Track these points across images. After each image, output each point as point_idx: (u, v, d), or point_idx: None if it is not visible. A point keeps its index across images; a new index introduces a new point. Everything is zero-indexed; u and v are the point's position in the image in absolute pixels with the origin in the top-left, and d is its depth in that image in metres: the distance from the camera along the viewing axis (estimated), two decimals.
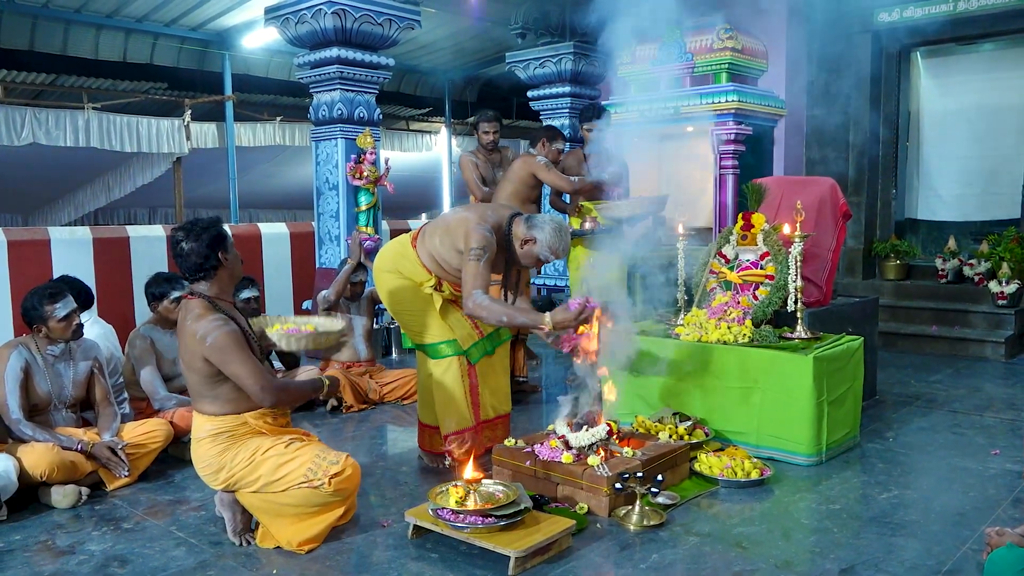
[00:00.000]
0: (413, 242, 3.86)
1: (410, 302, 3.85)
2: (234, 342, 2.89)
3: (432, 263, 3.78)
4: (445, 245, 3.71)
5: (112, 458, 3.64)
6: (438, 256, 3.75)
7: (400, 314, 3.92)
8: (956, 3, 6.96)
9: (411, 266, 3.83)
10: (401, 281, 3.85)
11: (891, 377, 5.69)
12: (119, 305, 6.12)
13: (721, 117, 6.74)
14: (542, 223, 3.63)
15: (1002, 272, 6.72)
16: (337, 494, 2.95)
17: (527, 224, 3.64)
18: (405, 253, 3.86)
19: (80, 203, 12.72)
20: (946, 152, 7.69)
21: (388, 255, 3.94)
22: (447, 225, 3.75)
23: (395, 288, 3.86)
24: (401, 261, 3.86)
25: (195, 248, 2.97)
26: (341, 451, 3.06)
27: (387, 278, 3.90)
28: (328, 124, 6.71)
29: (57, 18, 8.52)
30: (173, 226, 3.20)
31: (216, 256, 2.99)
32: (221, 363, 2.90)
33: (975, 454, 4.01)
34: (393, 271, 3.88)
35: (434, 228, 3.83)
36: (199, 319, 2.91)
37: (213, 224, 3.03)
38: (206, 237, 2.97)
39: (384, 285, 3.91)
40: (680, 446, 3.61)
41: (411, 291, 3.84)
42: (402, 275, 3.85)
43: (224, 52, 9.95)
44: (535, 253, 3.63)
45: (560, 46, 8.36)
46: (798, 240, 4.19)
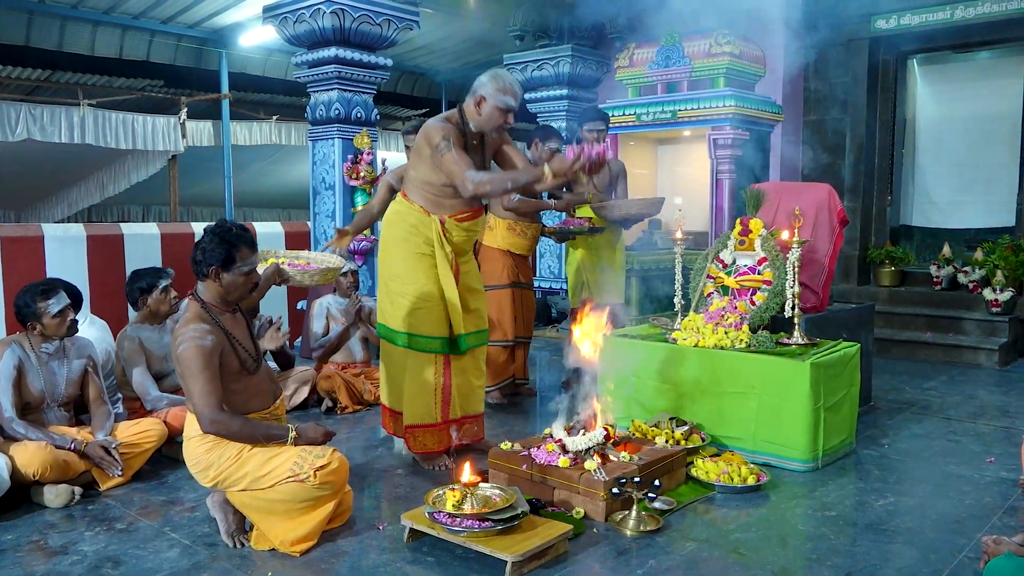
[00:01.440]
0: (403, 194, 3.90)
1: (419, 282, 3.78)
2: (198, 357, 2.87)
3: (427, 200, 3.78)
4: (419, 169, 3.76)
5: (105, 457, 3.62)
6: (424, 186, 3.75)
7: (402, 296, 3.80)
8: (953, 11, 6.99)
9: (416, 217, 3.79)
10: (413, 250, 3.78)
11: (886, 383, 5.69)
12: (113, 303, 6.08)
13: (718, 122, 6.74)
14: (479, 82, 3.73)
15: (996, 280, 6.74)
16: (324, 487, 2.92)
17: (471, 93, 3.74)
18: (407, 208, 3.83)
19: (74, 200, 12.67)
20: (941, 159, 7.72)
21: (394, 219, 3.88)
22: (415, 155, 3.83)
23: (407, 264, 3.79)
24: (407, 217, 3.82)
25: (203, 249, 2.98)
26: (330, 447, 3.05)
27: (400, 249, 3.81)
28: (325, 124, 6.68)
29: (53, 14, 8.47)
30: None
31: (209, 268, 2.99)
32: (181, 374, 2.93)
33: (970, 461, 4.02)
34: (405, 236, 3.80)
35: (411, 167, 3.87)
36: (184, 323, 2.94)
37: (234, 242, 3.00)
38: (214, 247, 2.98)
39: (395, 259, 3.83)
40: (677, 451, 3.61)
41: (423, 268, 3.78)
42: (412, 235, 3.78)
43: (221, 50, 9.92)
44: (494, 105, 3.68)
45: (558, 49, 8.36)
46: (796, 246, 4.19)
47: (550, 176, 3.52)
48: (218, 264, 2.99)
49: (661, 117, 7.11)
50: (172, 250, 6.45)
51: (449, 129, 3.67)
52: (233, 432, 2.93)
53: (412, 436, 3.88)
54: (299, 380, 5.03)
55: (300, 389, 5.03)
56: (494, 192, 3.77)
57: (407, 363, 3.85)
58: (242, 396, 3.03)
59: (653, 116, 7.13)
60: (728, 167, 6.87)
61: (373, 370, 5.40)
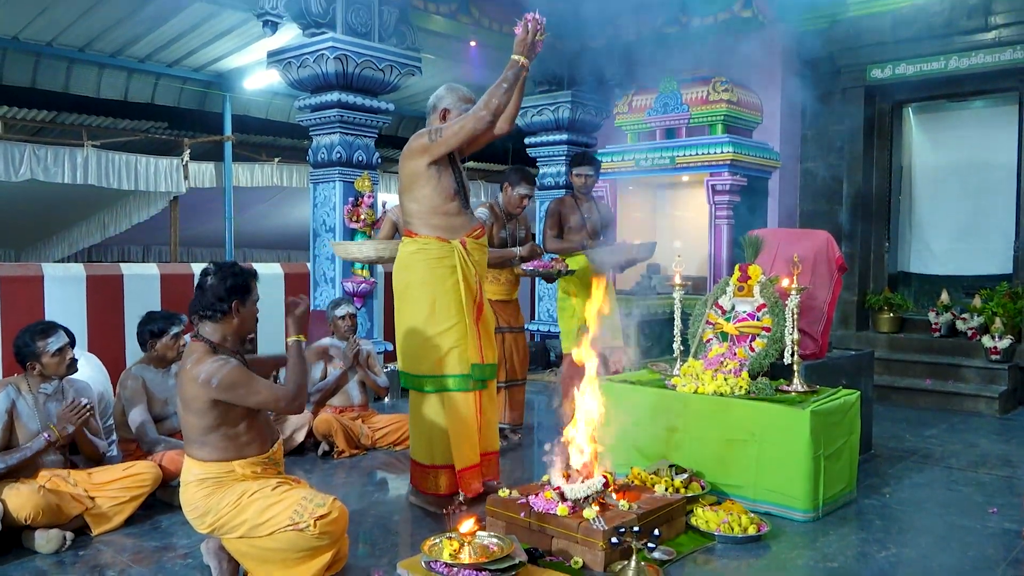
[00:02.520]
0: (410, 234, 3.82)
1: (453, 318, 3.73)
2: (241, 375, 2.92)
3: (441, 228, 3.75)
4: (420, 198, 3.75)
5: (68, 414, 3.65)
6: (431, 215, 3.74)
7: (441, 336, 3.74)
8: (947, 62, 7.09)
9: (436, 248, 3.75)
10: (441, 285, 3.73)
11: (886, 431, 5.66)
12: (110, 344, 6.07)
13: (716, 168, 6.81)
14: (437, 97, 3.92)
15: (995, 327, 6.74)
16: (323, 537, 2.89)
17: (431, 110, 3.91)
18: (423, 244, 3.76)
19: (75, 239, 12.71)
20: (938, 206, 7.78)
21: (412, 260, 3.79)
22: (404, 180, 3.82)
23: (441, 301, 3.73)
24: (428, 252, 3.75)
25: (215, 286, 3.00)
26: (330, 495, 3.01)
27: (427, 289, 3.74)
28: (327, 167, 6.74)
29: (61, 56, 8.60)
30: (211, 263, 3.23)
31: (231, 303, 3.00)
32: (237, 399, 2.92)
33: (972, 512, 3.98)
34: (429, 273, 3.74)
35: (409, 201, 3.82)
36: (199, 363, 2.91)
37: (244, 273, 3.06)
38: (231, 280, 3.00)
39: (423, 302, 3.74)
40: (676, 499, 3.57)
41: (455, 301, 3.74)
42: (436, 267, 3.73)
43: (225, 93, 10.05)
44: (458, 115, 3.77)
45: (558, 95, 8.47)
46: (795, 292, 4.20)
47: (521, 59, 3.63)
48: (239, 298, 3.02)
49: (660, 163, 7.19)
50: (171, 291, 6.46)
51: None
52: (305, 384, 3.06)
53: (464, 480, 3.77)
54: (296, 423, 5.00)
55: (297, 432, 4.99)
56: (501, 103, 3.64)
57: (448, 407, 3.76)
58: (242, 439, 3.00)
59: (652, 162, 7.21)
60: (726, 213, 6.92)
61: (371, 414, 5.37)
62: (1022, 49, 6.72)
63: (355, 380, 5.35)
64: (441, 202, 3.75)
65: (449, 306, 3.75)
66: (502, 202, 5.31)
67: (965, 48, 6.99)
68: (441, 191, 3.75)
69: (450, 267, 3.75)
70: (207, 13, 7.63)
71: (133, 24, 7.91)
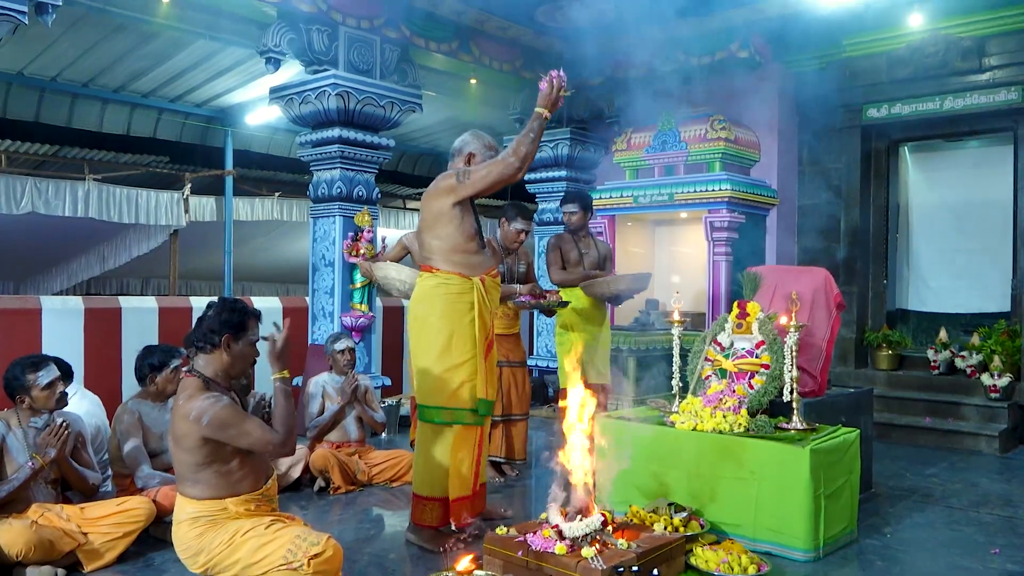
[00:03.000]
0: (429, 268, 3.90)
1: (469, 352, 3.82)
2: (231, 415, 2.90)
3: (461, 265, 3.85)
4: (442, 235, 3.84)
5: (49, 438, 3.61)
6: (451, 253, 3.84)
7: (458, 369, 3.81)
8: (942, 102, 7.17)
9: (457, 284, 3.84)
10: (459, 319, 3.82)
11: (886, 469, 5.62)
12: (107, 377, 6.04)
13: (714, 205, 6.85)
14: (463, 142, 4.03)
15: (994, 365, 6.73)
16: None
17: (456, 154, 4.01)
18: (443, 279, 3.85)
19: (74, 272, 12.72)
20: (935, 244, 7.81)
21: (431, 294, 3.86)
22: (429, 218, 3.90)
23: (459, 335, 3.81)
24: (449, 287, 3.84)
25: (211, 317, 3.01)
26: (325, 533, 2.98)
27: (447, 322, 3.81)
28: (327, 201, 6.78)
29: (64, 91, 8.68)
30: None
31: (221, 336, 3.00)
32: (227, 439, 2.90)
33: (975, 552, 3.94)
34: (449, 307, 3.82)
35: (426, 239, 3.91)
36: (191, 399, 2.90)
37: (242, 310, 3.06)
38: (225, 315, 3.01)
39: (441, 335, 3.81)
40: (676, 538, 3.53)
41: (471, 336, 3.83)
42: (456, 302, 3.81)
43: (227, 128, 10.13)
44: (481, 159, 3.92)
45: (557, 132, 8.54)
46: (793, 330, 4.20)
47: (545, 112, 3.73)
48: (231, 332, 3.01)
49: (658, 199, 7.23)
50: (169, 324, 6.45)
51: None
52: (294, 426, 3.02)
53: (456, 510, 3.84)
54: (292, 459, 4.96)
55: (293, 468, 4.95)
56: (529, 151, 3.76)
57: (454, 439, 3.83)
58: (234, 476, 2.98)
59: (650, 198, 7.26)
60: (724, 249, 6.94)
61: (368, 449, 5.33)
62: (1016, 90, 6.81)
63: (352, 416, 5.32)
64: (463, 241, 3.87)
65: (465, 341, 3.83)
66: (499, 237, 5.36)
67: (960, 89, 7.07)
68: (463, 231, 3.86)
69: (468, 303, 3.84)
70: (210, 50, 7.73)
71: (136, 60, 8.01)
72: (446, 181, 3.86)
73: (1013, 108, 6.87)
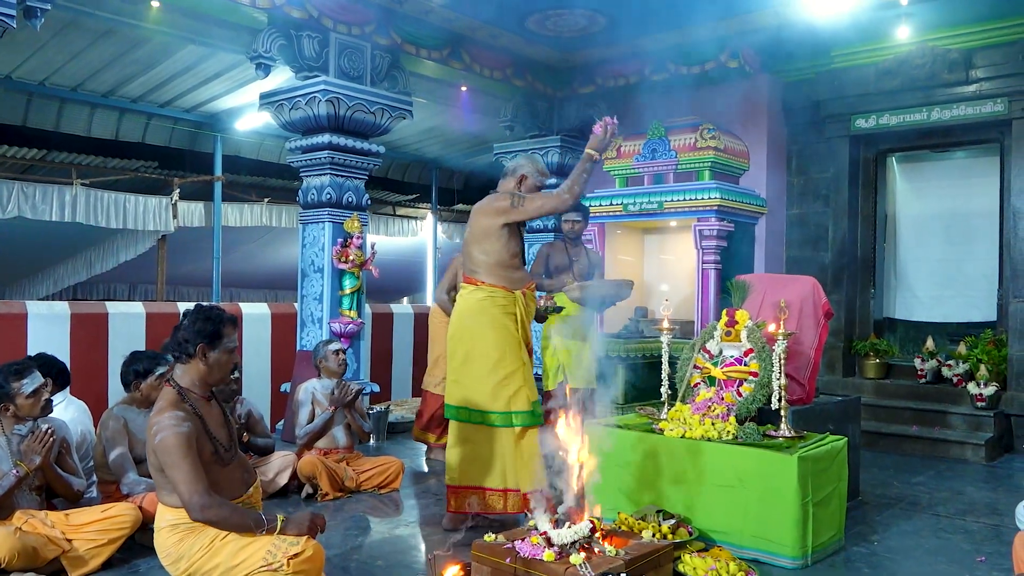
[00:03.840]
0: (475, 281, 4.16)
1: (520, 359, 4.10)
2: (179, 445, 2.83)
3: (506, 279, 4.14)
4: (488, 250, 4.11)
5: (33, 444, 3.58)
6: (496, 268, 4.11)
7: (515, 375, 4.08)
8: (929, 113, 7.23)
9: (503, 297, 4.13)
10: (506, 333, 4.09)
11: (874, 478, 5.64)
12: (94, 383, 6.00)
13: (704, 213, 6.88)
14: (514, 166, 4.31)
15: (980, 374, 6.78)
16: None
17: (507, 177, 4.30)
18: (489, 291, 4.12)
19: (60, 277, 12.63)
20: (922, 254, 7.86)
21: (482, 306, 4.11)
22: (477, 232, 4.16)
23: (508, 346, 4.09)
24: (496, 300, 4.12)
25: (186, 327, 2.97)
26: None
27: (497, 333, 4.09)
28: (316, 207, 6.76)
29: (52, 96, 8.63)
30: None
31: (196, 347, 2.97)
32: (163, 464, 2.86)
33: (961, 560, 3.95)
34: (493, 324, 4.09)
35: (472, 251, 4.17)
36: (159, 412, 2.90)
37: (217, 318, 3.02)
38: (199, 324, 2.97)
39: (492, 344, 4.07)
40: (664, 546, 3.53)
41: (519, 346, 4.11)
42: (500, 319, 4.09)
43: (216, 134, 10.10)
44: (533, 184, 4.26)
45: (547, 139, 8.57)
46: (782, 338, 4.21)
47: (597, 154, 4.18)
48: (205, 342, 2.98)
49: (647, 208, 7.26)
50: (157, 330, 6.41)
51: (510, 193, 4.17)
52: (224, 518, 2.86)
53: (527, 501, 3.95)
54: (280, 465, 4.94)
55: (280, 475, 4.93)
56: (582, 190, 4.17)
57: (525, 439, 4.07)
58: (213, 487, 2.94)
59: (640, 207, 7.28)
60: (713, 258, 6.97)
61: (356, 456, 5.31)
62: (1002, 102, 6.87)
63: (341, 423, 5.29)
64: (508, 258, 4.15)
65: (515, 350, 4.12)
66: None
67: (947, 100, 7.13)
68: (508, 249, 4.15)
69: (512, 315, 4.15)
70: (200, 55, 7.71)
71: (125, 65, 7.97)
72: (500, 202, 4.11)
73: (999, 120, 6.94)
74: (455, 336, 4.23)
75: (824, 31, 6.92)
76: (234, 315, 3.12)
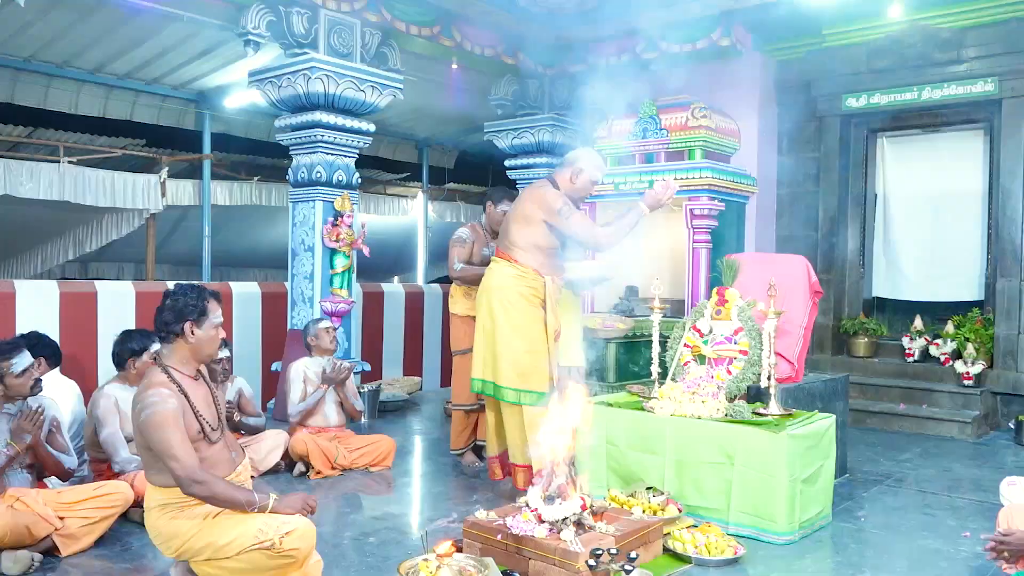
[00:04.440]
0: (508, 258, 4.29)
1: (544, 341, 4.23)
2: (167, 421, 2.82)
3: (540, 264, 4.26)
4: (527, 234, 4.24)
5: (23, 423, 3.58)
6: (535, 250, 4.25)
7: (527, 353, 4.20)
8: (920, 92, 7.23)
9: (532, 279, 4.27)
10: (529, 312, 4.23)
11: (861, 455, 5.70)
12: (83, 362, 5.99)
13: (695, 192, 6.87)
14: (574, 157, 4.39)
15: (967, 353, 6.84)
16: (290, 554, 2.83)
17: (564, 167, 4.37)
18: (521, 271, 4.26)
19: (48, 256, 12.53)
20: (911, 233, 7.89)
21: (513, 283, 4.24)
22: (520, 217, 4.29)
23: (537, 326, 4.24)
24: (527, 280, 4.26)
25: (170, 307, 2.95)
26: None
27: (527, 313, 4.22)
28: (307, 186, 6.73)
29: (39, 72, 8.53)
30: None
31: (182, 325, 2.95)
32: (151, 441, 2.84)
33: (946, 535, 4.01)
34: (517, 302, 4.22)
35: (513, 231, 4.30)
36: (145, 389, 2.88)
37: (202, 295, 3.00)
38: (182, 302, 2.95)
39: (523, 322, 4.21)
40: (654, 522, 3.57)
41: (536, 325, 4.23)
42: (526, 299, 4.23)
43: (205, 111, 10.01)
44: (588, 178, 4.35)
45: (539, 118, 8.53)
46: (772, 316, 4.23)
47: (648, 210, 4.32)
48: (192, 319, 2.97)
49: (639, 187, 7.23)
50: (146, 309, 6.39)
51: (566, 198, 4.24)
52: (216, 494, 2.85)
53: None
54: (271, 444, 4.95)
55: (272, 453, 4.94)
56: (619, 241, 4.34)
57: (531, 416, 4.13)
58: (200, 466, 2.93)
59: (631, 185, 7.26)
60: (704, 237, 6.97)
61: (347, 435, 5.32)
62: (993, 81, 6.88)
63: (332, 401, 5.30)
64: (545, 245, 4.29)
65: (537, 330, 4.26)
66: (484, 221, 5.40)
67: (938, 79, 7.13)
68: (545, 239, 4.29)
69: (539, 298, 4.27)
70: (188, 32, 7.61)
71: (113, 42, 7.87)
72: (553, 202, 4.21)
73: (990, 99, 6.95)
74: (481, 308, 4.39)
75: (816, 10, 6.90)
76: (216, 291, 3.11)
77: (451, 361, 5.44)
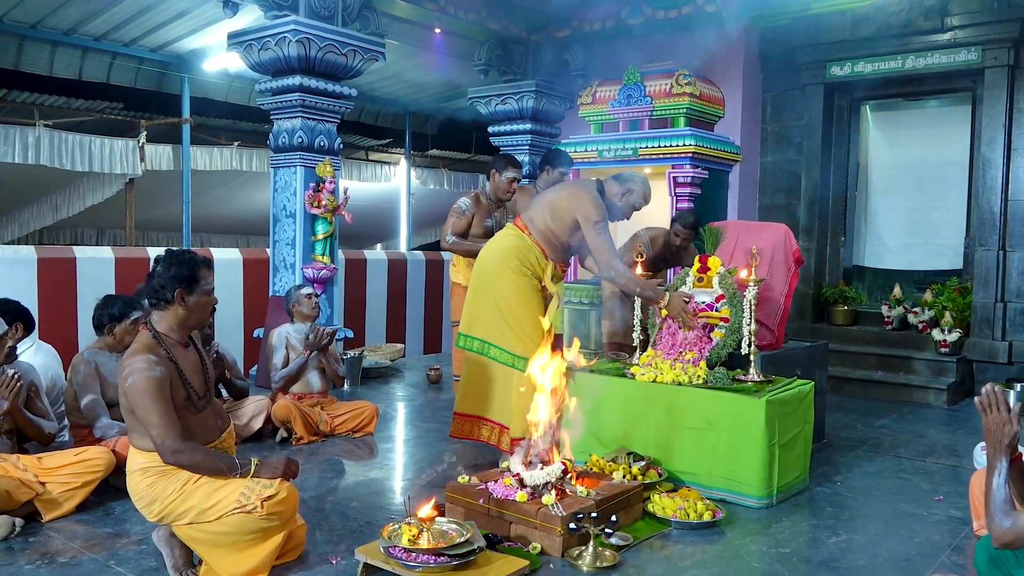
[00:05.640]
0: (524, 229, 4.38)
1: (532, 307, 4.26)
2: (151, 388, 2.81)
3: (548, 246, 4.36)
4: (558, 223, 4.32)
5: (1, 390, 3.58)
6: (552, 235, 4.33)
7: (516, 319, 4.26)
8: (904, 61, 7.24)
9: (535, 257, 4.35)
10: (527, 280, 4.31)
11: (839, 421, 5.78)
12: (62, 328, 5.94)
13: (678, 160, 6.86)
14: (630, 176, 4.52)
15: (944, 321, 6.92)
16: (272, 518, 2.85)
17: (618, 182, 4.48)
18: (526, 244, 4.35)
19: (25, 221, 12.37)
20: (892, 203, 7.94)
21: (511, 251, 4.33)
22: (553, 205, 4.35)
23: (523, 291, 4.29)
24: (527, 254, 4.34)
25: (161, 274, 2.93)
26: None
27: (514, 280, 4.29)
28: (288, 151, 6.65)
29: (11, 33, 8.34)
30: None
31: (174, 292, 2.93)
32: (134, 407, 2.84)
33: (920, 500, 4.09)
34: (519, 270, 4.30)
35: (539, 211, 4.38)
36: (132, 354, 2.87)
37: (192, 261, 2.97)
38: (175, 269, 2.92)
39: (512, 288, 4.28)
40: (634, 486, 3.61)
41: (534, 294, 4.31)
42: (526, 270, 4.31)
43: (183, 75, 9.84)
44: (632, 204, 4.50)
45: (522, 84, 8.46)
46: (753, 284, 4.26)
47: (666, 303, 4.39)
48: (183, 286, 2.95)
49: (622, 154, 7.21)
50: (126, 275, 6.34)
51: (605, 211, 4.33)
52: (196, 462, 2.86)
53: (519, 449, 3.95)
54: (254, 410, 4.95)
55: (255, 419, 4.94)
56: (621, 287, 4.57)
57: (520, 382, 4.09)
58: (185, 433, 2.92)
59: (614, 153, 7.24)
60: (687, 204, 6.97)
61: (330, 401, 5.33)
62: (976, 50, 6.89)
63: (315, 367, 5.29)
64: (564, 239, 4.38)
65: (534, 300, 4.32)
66: (489, 190, 5.43)
67: (922, 48, 7.14)
68: (566, 234, 4.36)
69: (538, 277, 4.36)
70: None
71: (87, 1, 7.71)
72: (593, 213, 4.26)
73: (973, 68, 6.96)
74: (480, 267, 4.45)
75: None
76: (208, 257, 3.08)
77: (435, 328, 5.46)
